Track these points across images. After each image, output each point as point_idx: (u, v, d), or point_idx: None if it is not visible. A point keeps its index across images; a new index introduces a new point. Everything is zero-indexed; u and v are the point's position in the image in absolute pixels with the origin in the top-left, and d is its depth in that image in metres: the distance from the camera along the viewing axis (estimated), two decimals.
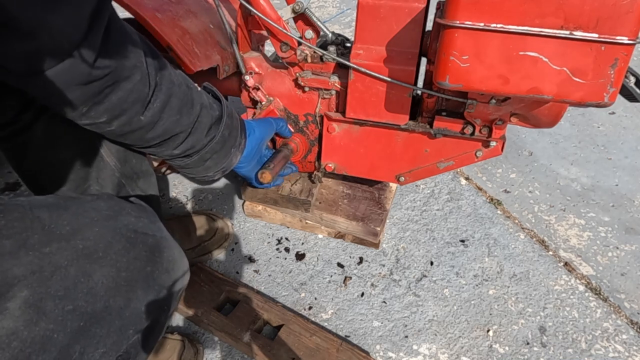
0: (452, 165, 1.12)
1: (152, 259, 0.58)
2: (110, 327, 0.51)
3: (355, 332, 1.10)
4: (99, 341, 0.50)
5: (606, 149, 1.76)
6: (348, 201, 1.32)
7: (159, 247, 0.60)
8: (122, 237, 0.56)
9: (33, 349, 0.44)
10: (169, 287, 0.59)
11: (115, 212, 0.59)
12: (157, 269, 0.58)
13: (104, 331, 0.50)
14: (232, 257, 1.27)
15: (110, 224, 0.57)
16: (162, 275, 0.59)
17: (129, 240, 0.56)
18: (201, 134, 0.84)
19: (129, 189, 0.90)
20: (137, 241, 0.57)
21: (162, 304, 0.58)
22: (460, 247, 1.32)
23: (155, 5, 1.05)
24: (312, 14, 1.07)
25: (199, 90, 0.87)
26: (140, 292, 0.55)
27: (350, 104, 1.08)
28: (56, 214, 0.52)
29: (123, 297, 0.53)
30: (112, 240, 0.55)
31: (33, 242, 0.48)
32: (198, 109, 0.82)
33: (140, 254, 0.57)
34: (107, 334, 0.51)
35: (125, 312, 0.53)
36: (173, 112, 0.75)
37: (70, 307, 0.48)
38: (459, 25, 0.73)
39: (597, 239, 1.38)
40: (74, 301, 0.48)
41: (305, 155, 1.26)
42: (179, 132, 0.78)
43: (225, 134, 0.90)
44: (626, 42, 0.70)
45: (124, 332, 0.53)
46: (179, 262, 0.63)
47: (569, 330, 1.13)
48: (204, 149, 0.86)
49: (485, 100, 0.97)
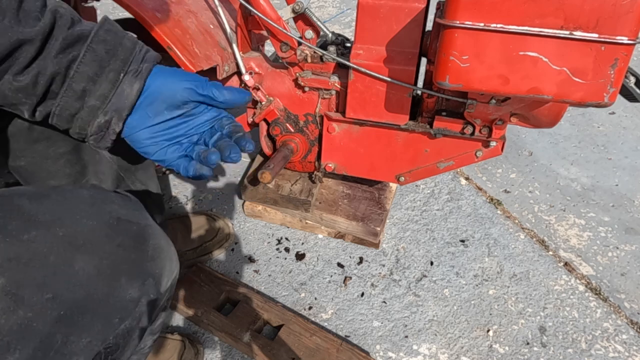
0: (452, 165, 1.12)
1: (136, 247, 0.56)
2: (94, 316, 0.49)
3: (355, 332, 1.10)
4: (83, 330, 0.49)
5: (606, 149, 1.76)
6: (348, 201, 1.32)
7: (143, 235, 0.58)
8: (104, 224, 0.54)
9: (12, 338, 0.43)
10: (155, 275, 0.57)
11: (98, 200, 0.57)
12: (141, 256, 0.56)
13: (87, 320, 0.49)
14: (232, 257, 1.27)
15: (93, 211, 0.55)
16: (147, 263, 0.57)
17: (112, 228, 0.54)
18: (54, 50, 0.60)
19: (129, 181, 0.87)
20: (121, 229, 0.55)
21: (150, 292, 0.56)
22: (460, 247, 1.32)
23: (155, 5, 1.05)
24: (312, 14, 1.07)
25: None
26: (125, 280, 0.53)
27: (350, 104, 1.08)
28: (37, 202, 0.51)
29: (106, 285, 0.51)
30: (95, 228, 0.53)
31: (11, 229, 0.47)
32: (50, 16, 0.59)
33: (123, 241, 0.55)
34: (91, 323, 0.49)
35: (109, 301, 0.51)
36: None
37: (49, 296, 0.46)
38: (459, 25, 0.73)
39: (597, 239, 1.38)
40: (54, 289, 0.47)
41: (305, 155, 1.26)
42: (16, 43, 0.56)
43: (100, 52, 0.63)
44: (626, 42, 0.70)
45: (109, 321, 0.51)
46: (165, 251, 0.61)
47: (569, 330, 1.13)
48: (67, 73, 0.61)
49: (485, 100, 0.97)
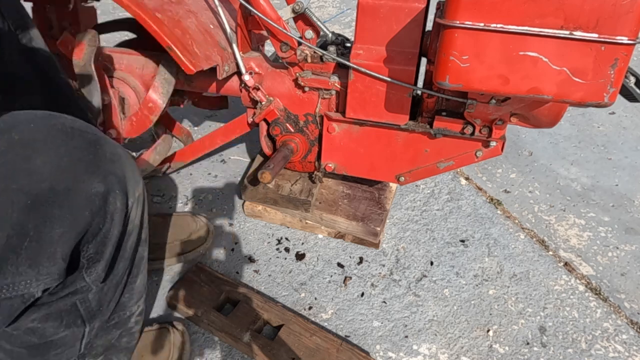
0: (452, 165, 1.12)
1: (93, 150, 0.58)
2: (61, 207, 0.52)
3: (355, 332, 1.10)
4: (54, 221, 0.52)
5: (606, 149, 1.76)
6: (348, 201, 1.32)
7: (98, 141, 0.60)
8: (59, 131, 0.57)
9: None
10: (118, 175, 0.59)
11: (50, 115, 0.59)
12: (100, 157, 0.58)
13: (55, 211, 0.52)
14: (232, 257, 1.27)
15: (47, 122, 0.57)
16: (106, 164, 0.59)
17: (67, 134, 0.57)
18: None
19: None
20: (76, 135, 0.57)
21: (115, 189, 0.59)
22: (460, 247, 1.32)
23: (155, 5, 1.05)
24: (312, 14, 1.07)
25: None
26: (86, 176, 0.56)
27: (350, 104, 1.08)
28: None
29: (67, 179, 0.54)
30: (50, 133, 0.56)
31: None
32: None
33: (80, 144, 0.57)
34: (60, 215, 0.52)
35: (74, 193, 0.54)
36: None
37: (14, 187, 0.50)
38: (459, 25, 0.73)
39: (597, 239, 1.38)
40: (16, 181, 0.50)
41: (305, 155, 1.26)
42: None
43: None
44: (626, 42, 0.70)
45: (78, 213, 0.54)
46: (124, 158, 0.62)
47: (569, 330, 1.13)
48: None
49: (485, 100, 0.97)
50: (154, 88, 1.19)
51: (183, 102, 1.43)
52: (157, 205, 1.40)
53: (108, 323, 0.72)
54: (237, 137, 1.35)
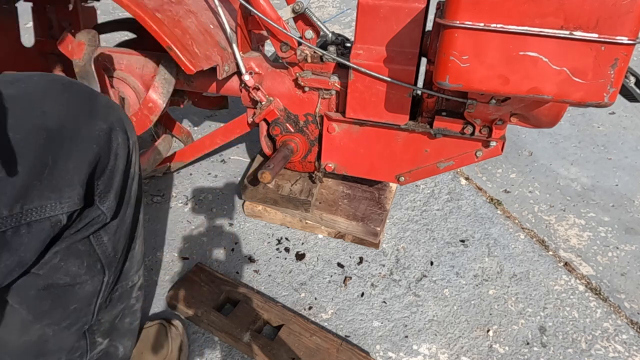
0: (452, 165, 1.12)
1: (91, 97, 0.67)
2: (73, 142, 0.61)
3: (355, 332, 1.10)
4: (68, 153, 0.61)
5: (606, 149, 1.76)
6: (348, 201, 1.32)
7: (93, 92, 0.69)
8: (58, 83, 0.65)
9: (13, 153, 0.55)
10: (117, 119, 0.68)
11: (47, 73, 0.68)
12: (98, 103, 0.67)
13: (68, 145, 0.61)
14: (232, 257, 1.27)
15: (45, 77, 0.66)
16: (102, 109, 0.67)
17: (66, 86, 0.66)
18: None
19: None
20: (73, 87, 0.66)
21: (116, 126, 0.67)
22: (460, 247, 1.32)
23: (155, 5, 1.05)
24: (312, 14, 1.07)
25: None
26: (90, 117, 0.65)
27: (350, 104, 1.08)
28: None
29: (75, 120, 0.63)
30: (51, 85, 0.65)
31: None
32: None
33: (78, 94, 0.66)
34: (73, 148, 0.61)
35: (82, 131, 0.63)
36: None
37: (30, 125, 0.58)
38: (459, 25, 0.73)
39: (597, 239, 1.38)
40: (31, 120, 0.59)
41: (305, 155, 1.26)
42: None
43: None
44: (626, 42, 0.70)
45: (88, 146, 0.63)
46: (117, 107, 0.71)
47: (569, 330, 1.13)
48: None
49: (485, 100, 0.97)
50: (154, 88, 1.19)
51: (183, 102, 1.43)
52: (157, 205, 1.40)
53: (113, 294, 0.79)
54: (237, 137, 1.35)
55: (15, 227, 0.57)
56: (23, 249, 0.59)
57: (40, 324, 0.70)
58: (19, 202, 0.56)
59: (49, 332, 0.71)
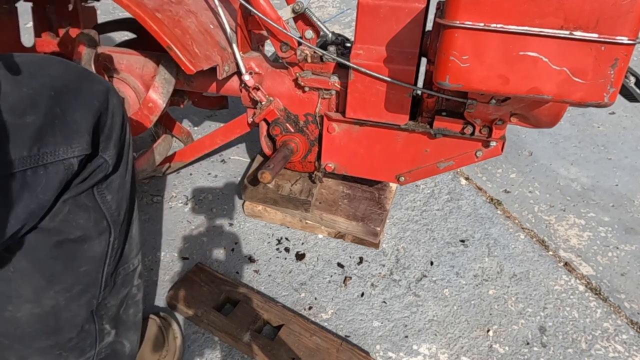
0: (452, 165, 1.12)
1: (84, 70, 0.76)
2: (77, 97, 0.69)
3: (355, 332, 1.10)
4: (74, 107, 0.68)
5: (606, 149, 1.76)
6: (348, 201, 1.32)
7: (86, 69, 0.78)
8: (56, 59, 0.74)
9: (25, 105, 0.63)
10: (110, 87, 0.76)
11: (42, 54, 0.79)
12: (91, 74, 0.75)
13: (72, 99, 0.69)
14: (232, 257, 1.27)
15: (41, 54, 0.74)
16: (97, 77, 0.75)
17: (63, 62, 0.74)
18: None
19: None
20: (70, 63, 0.75)
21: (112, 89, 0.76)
22: (460, 247, 1.32)
23: (155, 5, 1.05)
24: (312, 14, 1.07)
25: None
26: (89, 81, 0.73)
27: (350, 104, 1.08)
28: None
29: (77, 81, 0.71)
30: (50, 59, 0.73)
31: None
32: None
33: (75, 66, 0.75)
34: (77, 102, 0.69)
35: (84, 90, 0.71)
36: None
37: (39, 83, 0.67)
38: (459, 25, 0.73)
39: (597, 239, 1.38)
40: (40, 79, 0.68)
41: (305, 155, 1.26)
42: None
43: None
44: (626, 42, 0.70)
45: (90, 102, 0.71)
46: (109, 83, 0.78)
47: (569, 330, 1.13)
48: None
49: (485, 100, 0.97)
50: (154, 88, 1.19)
51: (183, 102, 1.43)
52: (157, 205, 1.41)
53: (116, 279, 0.82)
54: (237, 137, 1.35)
55: (34, 167, 0.63)
56: (41, 190, 0.65)
57: (53, 290, 0.73)
58: (35, 145, 0.63)
59: (61, 300, 0.74)
